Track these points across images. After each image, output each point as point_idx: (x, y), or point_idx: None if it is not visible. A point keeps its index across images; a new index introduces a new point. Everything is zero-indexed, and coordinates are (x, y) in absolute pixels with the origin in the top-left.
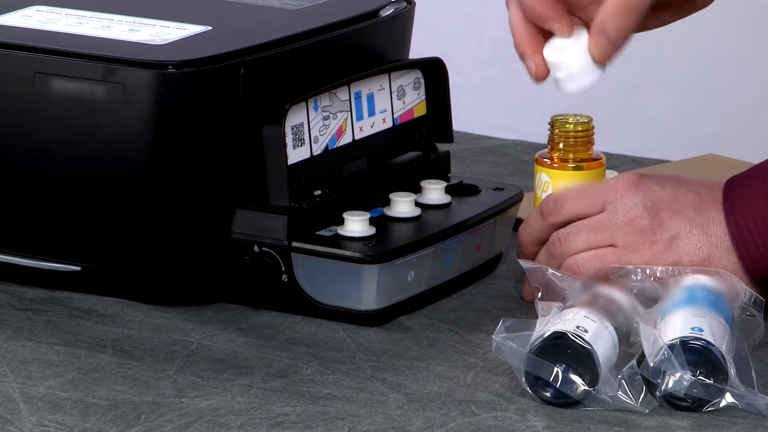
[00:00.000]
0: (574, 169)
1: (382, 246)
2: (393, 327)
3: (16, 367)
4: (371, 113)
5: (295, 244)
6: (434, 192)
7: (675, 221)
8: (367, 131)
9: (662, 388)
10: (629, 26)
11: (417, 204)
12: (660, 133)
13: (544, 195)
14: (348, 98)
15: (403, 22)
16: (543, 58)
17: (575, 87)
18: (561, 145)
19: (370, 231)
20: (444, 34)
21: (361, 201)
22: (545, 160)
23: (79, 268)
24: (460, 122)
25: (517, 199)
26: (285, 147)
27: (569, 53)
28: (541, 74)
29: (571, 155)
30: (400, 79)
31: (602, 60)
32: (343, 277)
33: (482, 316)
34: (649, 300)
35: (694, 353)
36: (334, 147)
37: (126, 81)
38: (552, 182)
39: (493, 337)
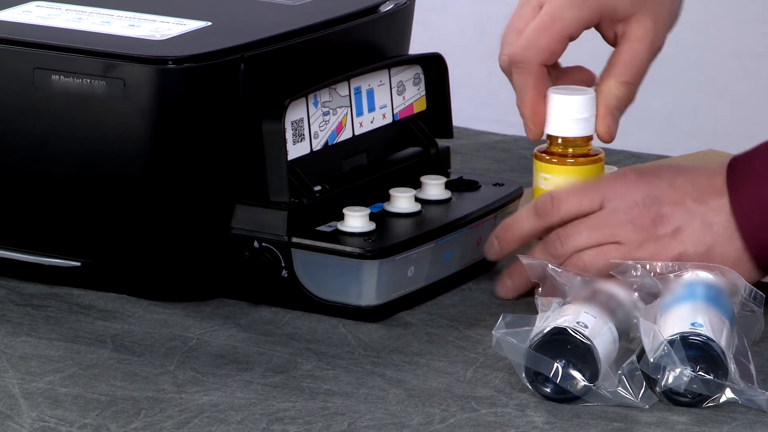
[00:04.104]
0: (573, 164)
1: (382, 241)
2: (393, 322)
3: (16, 363)
4: (371, 109)
5: (294, 239)
6: (434, 187)
7: (676, 214)
8: (367, 127)
9: (662, 384)
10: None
11: (417, 199)
12: (659, 129)
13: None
14: (348, 94)
15: (402, 17)
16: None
17: (570, 132)
18: (560, 141)
19: (370, 226)
20: (444, 29)
21: (361, 196)
22: (544, 155)
23: (79, 264)
24: (460, 118)
25: (516, 194)
26: (285, 142)
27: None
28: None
29: (570, 150)
30: (400, 75)
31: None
32: (343, 272)
33: (482, 312)
34: (649, 295)
35: (694, 349)
36: (334, 142)
37: (126, 76)
38: (551, 178)
39: (493, 332)
